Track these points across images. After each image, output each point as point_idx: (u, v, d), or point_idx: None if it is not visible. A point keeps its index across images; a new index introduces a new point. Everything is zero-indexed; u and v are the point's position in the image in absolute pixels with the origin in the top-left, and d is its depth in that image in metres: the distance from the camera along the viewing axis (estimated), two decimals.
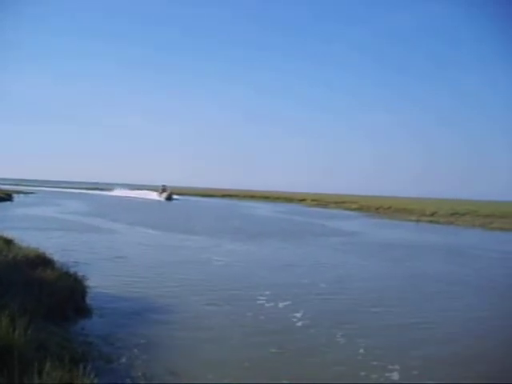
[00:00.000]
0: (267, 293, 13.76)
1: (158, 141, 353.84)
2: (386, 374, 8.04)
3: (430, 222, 52.57)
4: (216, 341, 9.49)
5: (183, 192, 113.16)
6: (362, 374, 8.08)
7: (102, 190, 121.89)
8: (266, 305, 12.48)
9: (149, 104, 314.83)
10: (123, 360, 7.86)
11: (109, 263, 17.62)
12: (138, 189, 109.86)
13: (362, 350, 9.17)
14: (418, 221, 52.70)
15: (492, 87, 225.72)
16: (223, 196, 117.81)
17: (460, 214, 58.07)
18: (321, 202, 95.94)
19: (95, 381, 5.86)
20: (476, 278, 18.01)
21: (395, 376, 7.98)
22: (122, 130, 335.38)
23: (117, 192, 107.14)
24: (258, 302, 12.79)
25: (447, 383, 7.23)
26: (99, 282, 13.13)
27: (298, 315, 11.48)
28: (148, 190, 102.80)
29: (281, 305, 12.46)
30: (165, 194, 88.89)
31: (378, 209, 72.56)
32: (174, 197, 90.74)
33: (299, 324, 10.82)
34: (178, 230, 31.74)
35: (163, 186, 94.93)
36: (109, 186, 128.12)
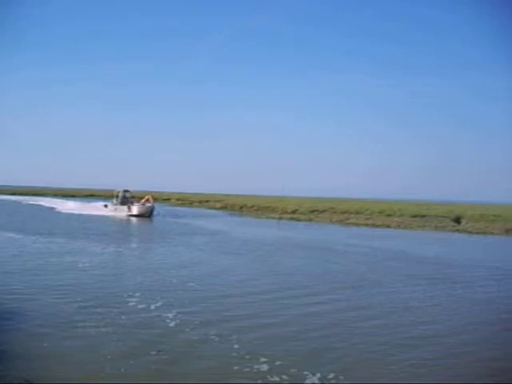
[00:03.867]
0: (137, 294, 13.57)
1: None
2: (256, 366, 8.58)
3: (291, 219, 55.98)
4: (85, 347, 9.11)
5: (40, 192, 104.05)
6: (236, 368, 8.51)
7: None
8: (138, 307, 12.29)
9: None
10: None
11: None
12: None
13: (236, 346, 9.62)
14: (279, 218, 55.70)
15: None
16: (86, 196, 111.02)
17: (319, 211, 62.65)
18: (185, 201, 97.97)
19: None
20: (340, 273, 19.72)
21: (264, 368, 8.55)
22: None
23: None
24: (130, 304, 12.53)
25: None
26: None
27: (171, 315, 11.54)
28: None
29: (153, 306, 12.37)
30: (136, 208, 50.26)
31: (241, 207, 75.01)
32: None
33: (172, 324, 10.89)
34: (40, 233, 29.46)
35: (125, 191, 54.83)
36: None
